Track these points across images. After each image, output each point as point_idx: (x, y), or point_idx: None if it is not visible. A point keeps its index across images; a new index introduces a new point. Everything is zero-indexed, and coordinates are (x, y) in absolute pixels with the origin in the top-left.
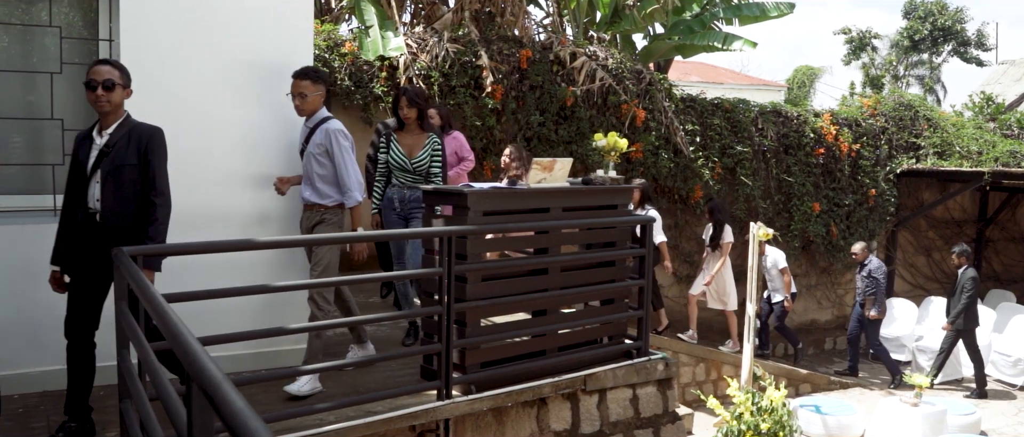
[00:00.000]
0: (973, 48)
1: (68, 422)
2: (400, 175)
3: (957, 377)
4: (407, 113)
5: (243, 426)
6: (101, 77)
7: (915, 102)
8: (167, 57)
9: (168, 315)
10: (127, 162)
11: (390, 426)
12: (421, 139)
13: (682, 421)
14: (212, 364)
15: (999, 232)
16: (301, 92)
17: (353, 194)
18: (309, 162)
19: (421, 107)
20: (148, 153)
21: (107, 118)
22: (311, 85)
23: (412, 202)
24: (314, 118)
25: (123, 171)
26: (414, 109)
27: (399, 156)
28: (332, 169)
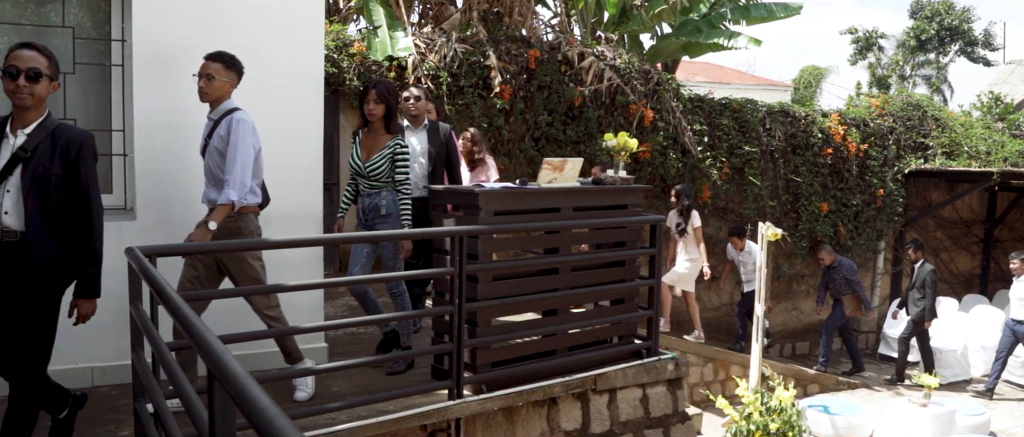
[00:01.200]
0: (980, 48)
1: None
2: (360, 180)
3: (966, 377)
4: (373, 109)
5: (269, 424)
6: (24, 64)
7: (923, 102)
8: (179, 58)
9: (188, 315)
10: (52, 172)
11: (401, 425)
12: (382, 141)
13: (692, 421)
14: (235, 363)
15: (1007, 232)
16: (208, 73)
17: (227, 191)
18: (212, 160)
19: (391, 105)
20: (79, 164)
21: (26, 114)
22: (223, 69)
23: (371, 211)
24: (219, 109)
25: (48, 183)
26: (382, 106)
27: (355, 158)
28: None
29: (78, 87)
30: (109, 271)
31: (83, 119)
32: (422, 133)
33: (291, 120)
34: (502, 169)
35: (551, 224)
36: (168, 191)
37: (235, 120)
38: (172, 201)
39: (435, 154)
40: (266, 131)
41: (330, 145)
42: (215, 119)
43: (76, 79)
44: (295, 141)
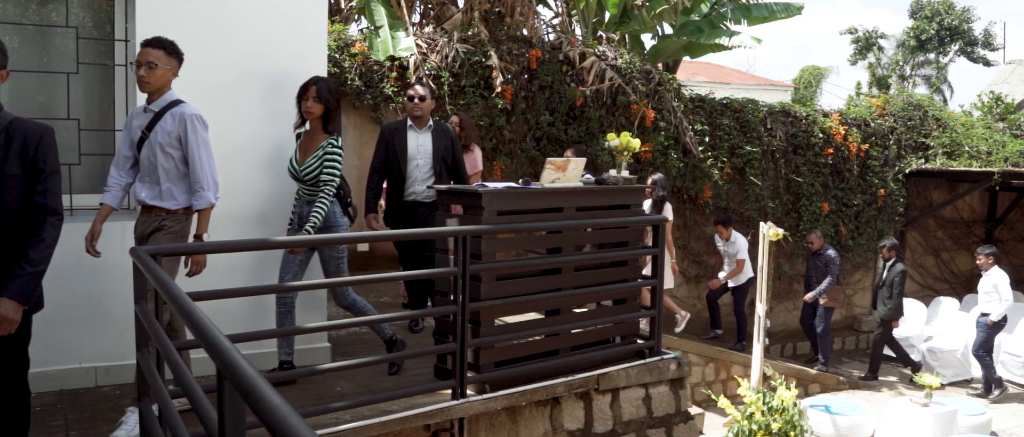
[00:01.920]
0: (980, 48)
1: None
2: (297, 185)
3: (966, 377)
4: (310, 108)
5: (283, 423)
6: None
7: (924, 102)
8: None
9: (197, 315)
10: (10, 172)
11: (405, 425)
12: (317, 141)
13: (694, 421)
14: (245, 362)
15: (1008, 232)
16: (149, 61)
17: (205, 194)
18: (152, 154)
19: (330, 105)
20: (37, 160)
21: None
22: (165, 56)
23: (307, 218)
24: (161, 101)
25: (7, 185)
26: (321, 105)
27: (293, 162)
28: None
29: (81, 87)
30: (111, 271)
31: (86, 119)
32: (427, 134)
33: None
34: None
35: (554, 224)
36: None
37: (189, 116)
38: None
39: (441, 155)
40: (270, 131)
41: None
42: (157, 111)
43: (79, 79)
44: None
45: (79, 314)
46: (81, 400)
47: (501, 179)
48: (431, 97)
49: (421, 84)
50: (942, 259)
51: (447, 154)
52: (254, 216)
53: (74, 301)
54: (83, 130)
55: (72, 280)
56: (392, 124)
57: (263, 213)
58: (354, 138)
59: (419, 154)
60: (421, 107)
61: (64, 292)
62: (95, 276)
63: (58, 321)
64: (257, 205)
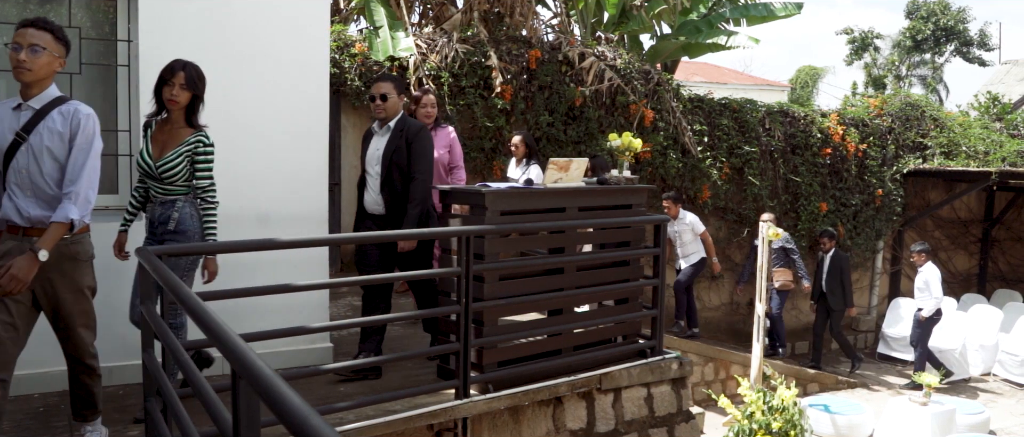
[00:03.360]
0: (975, 48)
1: None
2: (151, 184)
3: (965, 376)
4: (177, 95)
5: (304, 423)
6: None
7: (921, 102)
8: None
9: (207, 315)
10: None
11: (409, 425)
12: (180, 135)
13: (696, 420)
14: (260, 361)
15: (1005, 232)
16: (33, 44)
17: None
18: (33, 161)
19: (198, 94)
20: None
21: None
22: (53, 41)
23: (162, 223)
24: (43, 96)
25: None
26: (188, 93)
27: (145, 156)
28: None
29: (84, 87)
30: (114, 272)
31: None
32: (384, 137)
33: (298, 121)
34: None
35: (557, 224)
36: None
37: (83, 115)
38: None
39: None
40: (274, 131)
41: (332, 145)
42: (37, 109)
43: (82, 80)
44: (302, 142)
45: None
46: None
47: (501, 179)
48: (397, 95)
49: (385, 80)
50: (940, 258)
51: (399, 157)
52: (254, 217)
53: None
54: None
55: None
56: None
57: (263, 213)
58: (354, 138)
59: (376, 160)
60: (383, 108)
61: None
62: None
63: None
64: (258, 205)
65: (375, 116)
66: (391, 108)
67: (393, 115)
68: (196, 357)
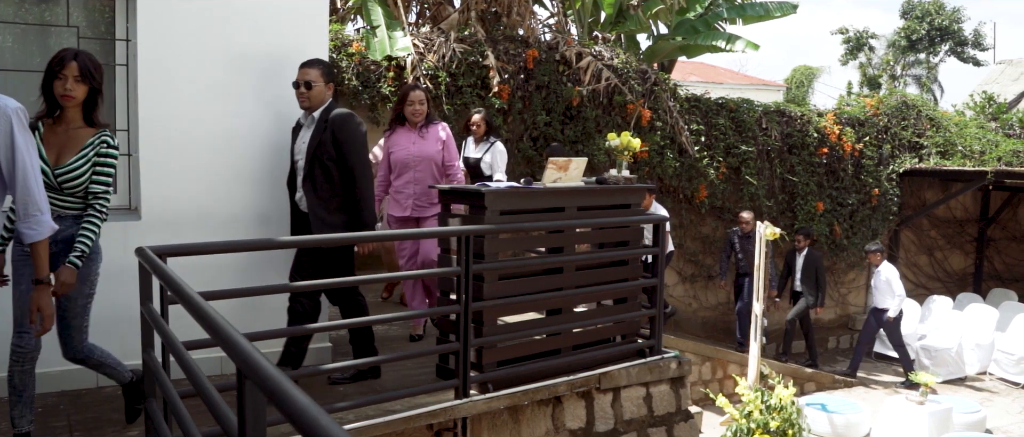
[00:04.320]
0: (970, 48)
1: None
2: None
3: (961, 375)
4: (72, 89)
5: (313, 423)
6: None
7: (918, 102)
8: (184, 57)
9: (211, 314)
10: None
11: (409, 424)
12: (80, 137)
13: (695, 419)
14: (267, 361)
15: (1001, 231)
16: None
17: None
18: None
19: (96, 87)
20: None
21: None
22: None
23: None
24: None
25: None
26: (85, 86)
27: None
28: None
29: None
30: (113, 272)
31: None
32: (309, 129)
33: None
34: None
35: (556, 223)
36: (173, 191)
37: (13, 110)
38: (177, 201)
39: (313, 153)
40: (273, 131)
41: None
42: None
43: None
44: None
45: None
46: (83, 401)
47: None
48: (325, 83)
49: (312, 66)
50: (936, 258)
51: (323, 151)
52: (255, 216)
53: None
54: None
55: None
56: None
57: (264, 213)
58: None
59: (301, 153)
60: (308, 97)
61: None
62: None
63: None
64: (259, 205)
65: (300, 105)
66: (317, 97)
67: (319, 105)
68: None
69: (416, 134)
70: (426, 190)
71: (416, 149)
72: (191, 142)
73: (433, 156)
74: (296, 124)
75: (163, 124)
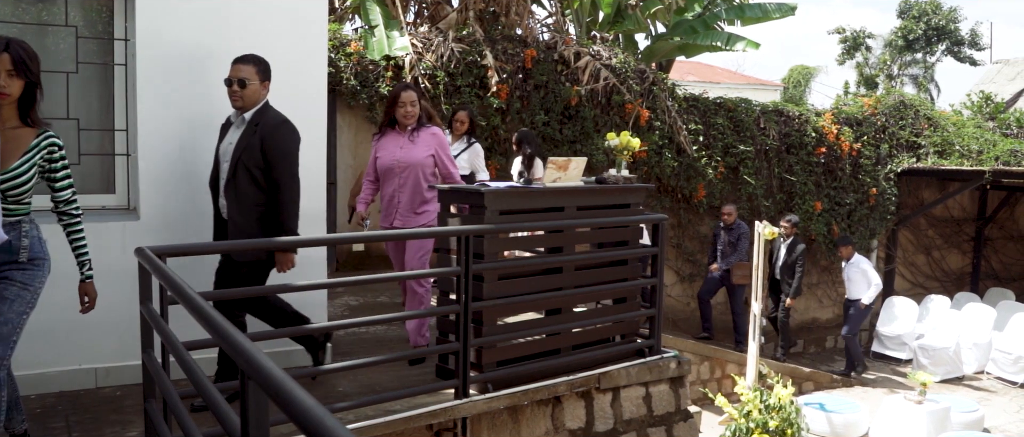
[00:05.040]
0: (967, 47)
1: None
2: None
3: (959, 374)
4: (6, 85)
5: (319, 424)
6: None
7: (915, 101)
8: (183, 57)
9: (212, 315)
10: None
11: (409, 425)
12: (21, 138)
13: (694, 419)
14: (270, 362)
15: (998, 231)
16: None
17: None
18: None
19: (32, 78)
20: None
21: None
22: None
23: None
24: None
25: None
26: (19, 81)
27: None
28: None
29: (81, 86)
30: (111, 272)
31: (86, 118)
32: (238, 130)
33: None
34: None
35: (556, 223)
36: (172, 191)
37: None
38: (176, 201)
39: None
40: None
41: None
42: None
43: (79, 78)
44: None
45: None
46: (82, 402)
47: (496, 179)
48: (260, 82)
49: (247, 62)
50: (933, 257)
51: (249, 156)
52: None
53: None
54: (82, 130)
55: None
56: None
57: None
58: (349, 138)
59: (226, 155)
60: (241, 96)
61: (63, 293)
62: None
63: (58, 322)
64: None
65: (232, 105)
66: (251, 96)
67: (252, 105)
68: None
69: (405, 138)
70: (412, 199)
71: (403, 154)
72: (190, 142)
73: (421, 163)
74: (225, 121)
75: (162, 124)
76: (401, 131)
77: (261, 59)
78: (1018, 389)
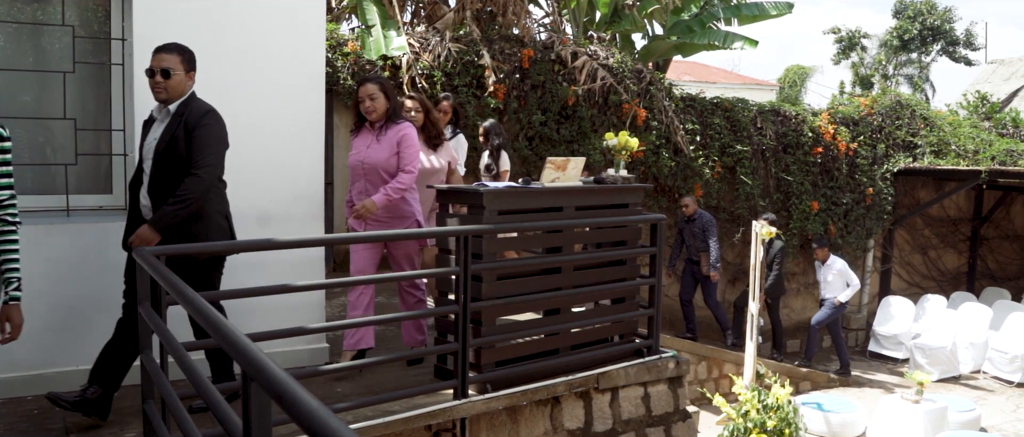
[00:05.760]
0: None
1: None
2: None
3: (955, 374)
4: None
5: (324, 426)
6: None
7: (912, 101)
8: None
9: (213, 315)
10: None
11: (407, 425)
12: None
13: (693, 419)
14: (273, 363)
15: (994, 230)
16: None
17: None
18: None
19: None
20: None
21: None
22: None
23: None
24: None
25: None
26: None
27: None
28: None
29: (78, 86)
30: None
31: (83, 118)
32: (162, 123)
33: (295, 119)
34: None
35: (555, 223)
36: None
37: None
38: None
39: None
40: (270, 130)
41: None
42: None
43: (75, 78)
44: (298, 140)
45: (75, 316)
46: None
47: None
48: (186, 72)
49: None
50: (929, 257)
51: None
52: (252, 216)
53: (70, 303)
54: (79, 130)
55: (67, 282)
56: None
57: (263, 213)
58: (346, 138)
59: (149, 151)
60: (164, 87)
61: (59, 294)
62: (91, 278)
63: (54, 323)
64: (258, 206)
65: (155, 97)
66: (175, 87)
67: (177, 96)
68: None
69: (373, 136)
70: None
71: (367, 154)
72: None
73: (382, 164)
74: (148, 117)
75: None
76: (370, 129)
77: (186, 48)
78: (1014, 388)
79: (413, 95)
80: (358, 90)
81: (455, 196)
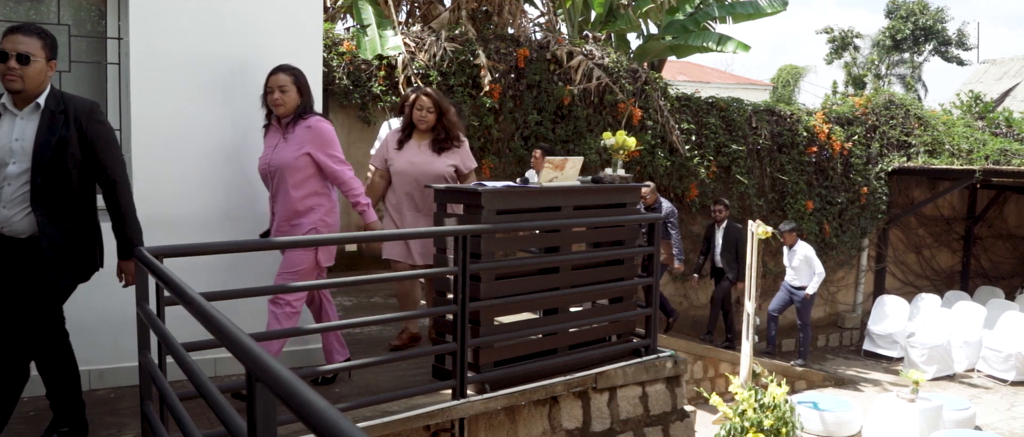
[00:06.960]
0: (954, 47)
1: None
2: None
3: (950, 372)
4: None
5: (334, 425)
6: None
7: (906, 101)
8: (177, 56)
9: (215, 316)
10: None
11: (406, 426)
12: None
13: (690, 418)
14: (278, 363)
15: (987, 229)
16: None
17: None
18: None
19: None
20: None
21: None
22: None
23: None
24: None
25: None
26: None
27: None
28: None
29: (74, 85)
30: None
31: None
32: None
33: None
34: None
35: (553, 223)
36: (166, 190)
37: None
38: (170, 200)
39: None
40: None
41: None
42: None
43: (71, 77)
44: None
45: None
46: None
47: (489, 178)
48: (47, 59)
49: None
50: (923, 256)
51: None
52: (250, 216)
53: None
54: None
55: None
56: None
57: (260, 213)
58: (342, 138)
59: (13, 155)
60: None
61: None
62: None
63: None
64: (254, 205)
65: (8, 88)
66: (34, 76)
67: (36, 88)
68: None
69: (280, 135)
70: (285, 208)
71: (274, 155)
72: (184, 141)
73: (289, 165)
74: None
75: (155, 123)
76: (278, 126)
77: (47, 32)
78: (1008, 387)
79: (430, 92)
80: (268, 79)
81: (453, 196)
